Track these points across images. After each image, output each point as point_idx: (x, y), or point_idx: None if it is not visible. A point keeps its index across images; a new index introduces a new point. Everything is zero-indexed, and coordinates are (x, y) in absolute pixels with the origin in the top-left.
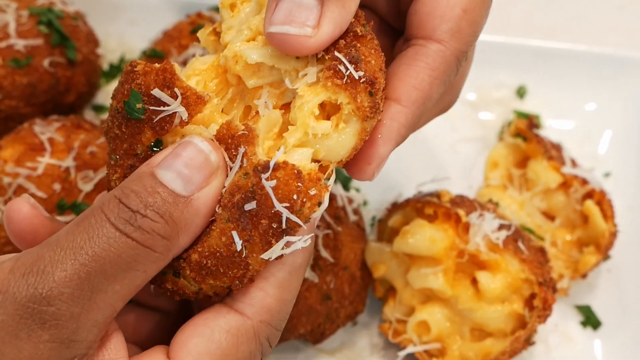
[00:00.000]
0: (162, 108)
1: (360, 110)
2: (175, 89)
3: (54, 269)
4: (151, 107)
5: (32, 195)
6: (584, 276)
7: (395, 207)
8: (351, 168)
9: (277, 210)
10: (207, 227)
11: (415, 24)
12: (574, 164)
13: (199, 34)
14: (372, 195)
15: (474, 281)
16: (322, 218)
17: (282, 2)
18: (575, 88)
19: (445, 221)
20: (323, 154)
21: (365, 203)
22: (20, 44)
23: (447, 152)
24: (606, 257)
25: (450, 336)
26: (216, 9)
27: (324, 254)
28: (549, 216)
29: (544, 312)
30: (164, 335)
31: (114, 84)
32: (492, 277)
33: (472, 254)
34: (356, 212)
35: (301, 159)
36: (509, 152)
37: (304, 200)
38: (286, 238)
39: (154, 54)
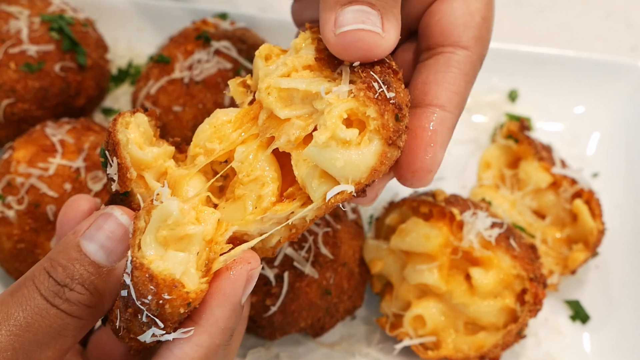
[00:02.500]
0: (108, 169)
1: (385, 129)
2: (114, 158)
3: None
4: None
5: (44, 194)
6: (573, 272)
7: (392, 206)
8: (411, 178)
9: (138, 305)
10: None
11: (437, 33)
12: (563, 164)
13: (230, 82)
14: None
15: (468, 277)
16: (322, 217)
17: (346, 9)
18: (565, 92)
19: (440, 219)
20: (340, 165)
21: None
22: (32, 49)
23: None
24: (594, 254)
25: (445, 330)
26: (220, 16)
27: (324, 250)
28: (540, 215)
29: (535, 306)
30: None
31: (122, 88)
32: (485, 273)
33: (466, 250)
34: (355, 210)
35: (174, 264)
36: (501, 153)
37: (160, 302)
38: (152, 329)
39: (160, 59)
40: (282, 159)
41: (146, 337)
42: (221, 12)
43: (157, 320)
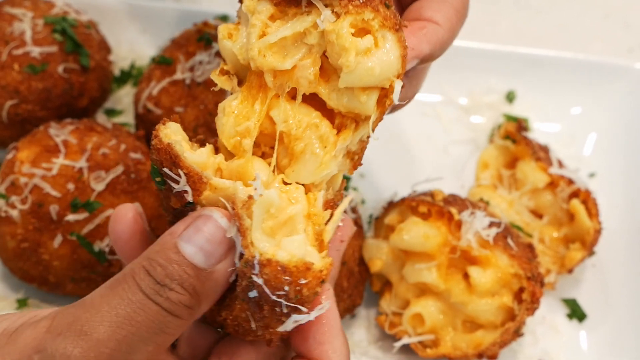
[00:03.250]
0: (173, 184)
1: (388, 20)
2: (179, 170)
3: (92, 330)
4: (168, 181)
5: (47, 194)
6: (570, 271)
7: (391, 205)
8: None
9: (275, 299)
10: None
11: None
12: (560, 165)
13: (212, 77)
14: (369, 194)
15: (466, 276)
16: None
17: None
18: (562, 93)
19: (438, 219)
20: (378, 70)
21: (363, 202)
22: (36, 51)
23: (440, 154)
24: (591, 253)
25: (444, 328)
26: (221, 18)
27: None
28: (537, 214)
29: (532, 305)
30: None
31: (125, 89)
32: (483, 272)
33: (464, 250)
34: (354, 210)
35: (295, 248)
36: (499, 154)
37: (298, 288)
38: (293, 317)
39: (162, 61)
40: (309, 102)
41: (287, 326)
42: (222, 14)
43: (297, 306)
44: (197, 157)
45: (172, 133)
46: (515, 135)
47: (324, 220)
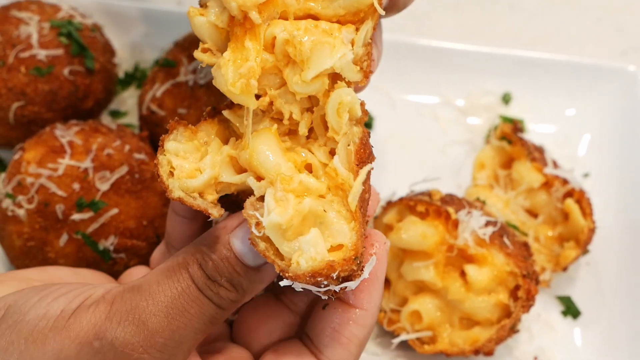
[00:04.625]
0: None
1: None
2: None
3: (148, 319)
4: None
5: (53, 194)
6: (564, 269)
7: (389, 205)
8: None
9: (318, 290)
10: None
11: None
12: (555, 165)
13: (196, 55)
14: None
15: (463, 274)
16: None
17: None
18: (557, 95)
19: (436, 218)
20: None
21: None
22: (42, 54)
23: (437, 154)
24: (585, 251)
25: (441, 324)
26: None
27: None
28: (532, 213)
29: (528, 302)
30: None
31: (129, 91)
32: (480, 270)
33: (461, 248)
34: None
35: (311, 251)
36: (495, 154)
37: (334, 276)
38: (344, 284)
39: (166, 63)
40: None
41: (353, 284)
42: None
43: (345, 283)
44: (196, 183)
45: (172, 160)
46: (511, 136)
47: (350, 185)
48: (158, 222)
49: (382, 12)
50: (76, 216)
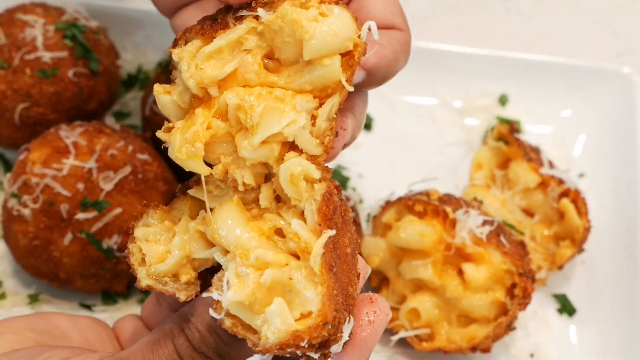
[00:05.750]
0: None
1: None
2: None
3: None
4: None
5: (58, 193)
6: (560, 267)
7: (388, 204)
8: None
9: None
10: None
11: None
12: (551, 165)
13: (158, 135)
14: (367, 193)
15: (460, 272)
16: None
17: None
18: (552, 96)
19: (433, 217)
20: (337, 29)
21: (361, 201)
22: (47, 56)
23: (435, 155)
24: (580, 250)
25: (439, 322)
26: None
27: None
28: (529, 213)
29: (524, 300)
30: None
31: (132, 93)
32: (477, 269)
33: (459, 247)
34: (353, 209)
35: (276, 322)
36: (492, 155)
37: (307, 345)
38: (333, 347)
39: (168, 65)
40: None
41: (335, 348)
42: None
43: (324, 348)
44: (164, 268)
45: (142, 245)
46: (507, 137)
47: (308, 248)
48: None
49: (351, 89)
50: (80, 215)
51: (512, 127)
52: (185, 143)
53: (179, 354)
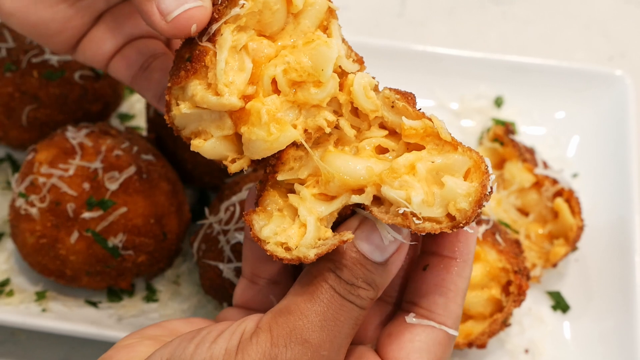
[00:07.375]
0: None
1: None
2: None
3: (309, 336)
4: None
5: (64, 193)
6: (554, 265)
7: None
8: None
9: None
10: None
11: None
12: (545, 165)
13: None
14: None
15: None
16: None
17: None
18: (547, 98)
19: None
20: None
21: None
22: (53, 59)
23: None
24: (574, 248)
25: None
26: None
27: None
28: (523, 212)
29: (519, 297)
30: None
31: (137, 95)
32: (473, 266)
33: None
34: None
35: (464, 187)
36: (487, 155)
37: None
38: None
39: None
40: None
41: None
42: None
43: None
44: (313, 233)
45: (277, 239)
46: (503, 138)
47: (430, 125)
48: (164, 220)
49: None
50: (86, 214)
51: (508, 129)
52: (270, 122)
53: (335, 290)
